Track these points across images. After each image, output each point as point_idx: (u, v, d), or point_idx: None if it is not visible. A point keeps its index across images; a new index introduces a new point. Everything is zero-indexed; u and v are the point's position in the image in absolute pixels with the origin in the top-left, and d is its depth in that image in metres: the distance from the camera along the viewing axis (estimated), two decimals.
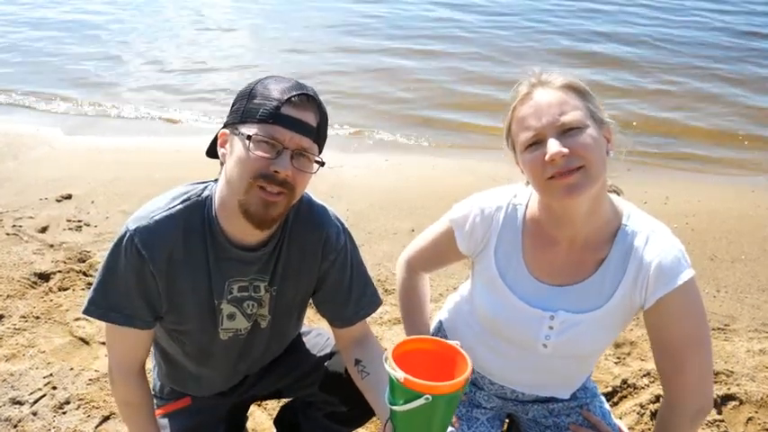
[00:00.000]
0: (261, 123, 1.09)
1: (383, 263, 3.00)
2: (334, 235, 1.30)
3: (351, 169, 4.15)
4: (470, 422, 1.47)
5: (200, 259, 1.20)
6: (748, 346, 2.42)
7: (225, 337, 1.32)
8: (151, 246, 1.16)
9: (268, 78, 1.15)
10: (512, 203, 1.31)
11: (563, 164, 1.08)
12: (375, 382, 1.30)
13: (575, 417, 1.47)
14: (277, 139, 1.08)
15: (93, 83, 6.12)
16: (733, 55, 6.68)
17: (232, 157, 1.12)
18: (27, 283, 2.70)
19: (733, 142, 4.71)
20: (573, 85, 1.15)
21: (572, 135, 1.08)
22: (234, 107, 1.16)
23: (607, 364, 2.28)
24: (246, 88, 1.15)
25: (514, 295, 1.27)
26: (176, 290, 1.22)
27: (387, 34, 7.67)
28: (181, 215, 1.18)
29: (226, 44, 7.49)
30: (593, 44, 7.08)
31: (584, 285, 1.23)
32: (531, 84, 1.17)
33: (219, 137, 1.19)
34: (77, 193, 3.64)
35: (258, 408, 2.04)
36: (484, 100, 5.45)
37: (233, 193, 1.13)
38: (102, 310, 1.20)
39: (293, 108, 1.10)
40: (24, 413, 1.99)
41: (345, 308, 1.36)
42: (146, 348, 1.31)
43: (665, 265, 1.16)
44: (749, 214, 3.60)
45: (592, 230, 1.21)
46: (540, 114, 1.11)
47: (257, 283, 1.27)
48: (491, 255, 1.30)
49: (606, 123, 1.16)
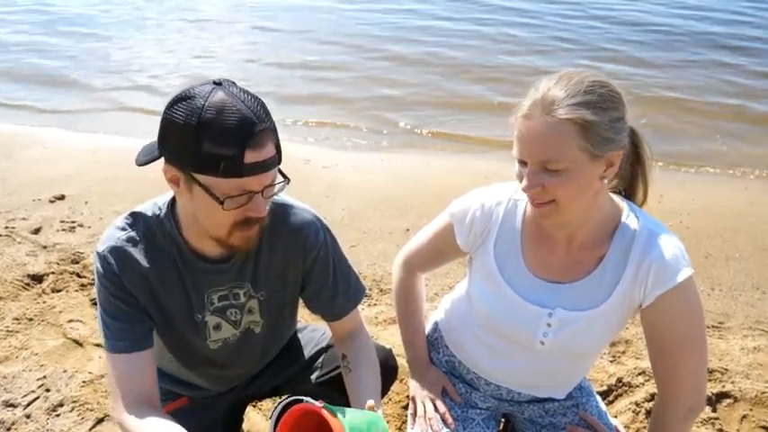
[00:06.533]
0: (226, 178, 0.99)
1: (378, 262, 2.99)
2: (314, 233, 1.29)
3: (345, 169, 4.15)
4: (466, 423, 1.47)
5: (173, 276, 1.19)
6: (742, 344, 2.43)
7: (215, 347, 1.32)
8: (122, 265, 1.15)
9: (208, 107, 0.97)
10: (512, 199, 1.30)
11: (534, 196, 1.10)
12: (355, 380, 1.31)
13: (571, 416, 1.47)
14: (248, 190, 1.02)
15: (86, 82, 6.08)
16: (729, 52, 6.69)
17: (198, 207, 1.07)
18: (20, 284, 2.68)
19: (726, 140, 4.73)
20: (577, 121, 1.02)
21: (551, 174, 1.06)
22: (175, 140, 1.01)
23: (602, 362, 2.28)
24: (186, 119, 0.98)
25: (513, 291, 1.27)
26: (160, 305, 1.21)
27: (383, 32, 7.66)
28: (144, 236, 1.17)
29: (223, 42, 7.46)
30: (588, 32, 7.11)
31: (583, 283, 1.23)
32: (534, 104, 1.06)
33: (164, 171, 1.06)
34: (71, 194, 3.62)
35: (253, 409, 2.03)
36: (478, 99, 5.45)
37: (207, 231, 1.12)
38: (112, 342, 1.17)
39: (256, 151, 0.99)
40: (18, 416, 1.97)
41: (334, 301, 1.36)
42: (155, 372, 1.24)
43: (665, 263, 1.15)
44: (743, 212, 3.61)
45: (589, 229, 1.21)
46: (527, 145, 1.07)
47: (236, 291, 1.27)
48: (490, 250, 1.30)
49: (612, 146, 1.07)
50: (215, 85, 1.01)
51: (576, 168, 1.05)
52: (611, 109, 1.06)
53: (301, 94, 5.70)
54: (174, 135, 1.01)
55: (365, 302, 2.66)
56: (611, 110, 1.06)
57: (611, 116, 1.06)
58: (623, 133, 1.09)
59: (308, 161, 4.17)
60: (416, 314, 1.58)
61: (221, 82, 1.02)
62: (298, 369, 1.58)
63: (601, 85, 1.06)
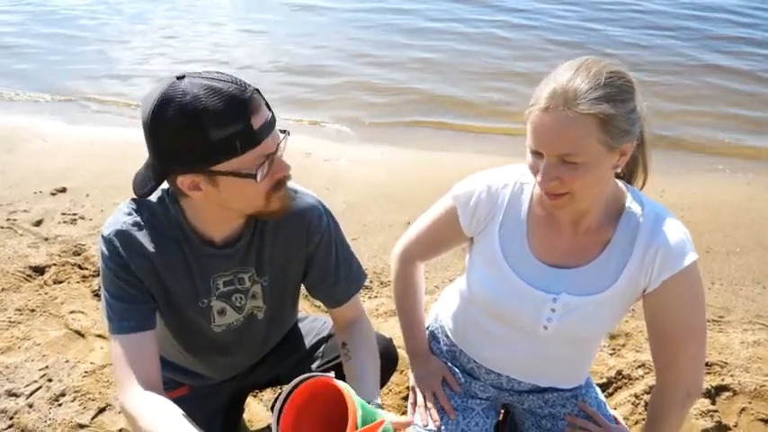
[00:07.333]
0: (246, 152, 1.00)
1: (379, 255, 3.00)
2: (317, 217, 1.30)
3: (347, 162, 4.15)
4: (466, 413, 1.47)
5: (179, 261, 1.20)
6: (742, 338, 2.44)
7: (218, 330, 1.33)
8: (128, 249, 1.15)
9: (193, 99, 0.96)
10: (519, 182, 1.30)
11: (549, 189, 1.10)
12: (354, 367, 1.31)
13: (570, 407, 1.47)
14: (267, 153, 1.04)
15: (87, 75, 6.07)
16: (731, 45, 6.67)
17: (230, 195, 1.07)
18: (22, 276, 2.69)
19: (730, 134, 4.72)
20: (598, 115, 1.00)
21: (568, 166, 1.05)
22: (180, 147, 0.99)
23: (602, 355, 2.29)
24: (181, 122, 0.96)
25: (517, 276, 1.26)
26: (165, 290, 1.21)
27: (384, 27, 7.64)
28: (149, 221, 1.17)
29: (225, 37, 7.44)
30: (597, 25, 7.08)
31: (589, 268, 1.23)
32: (554, 95, 1.02)
33: (180, 184, 1.05)
34: (72, 186, 3.62)
35: (254, 399, 2.04)
36: (480, 94, 5.44)
37: (242, 211, 1.15)
38: (116, 324, 1.16)
39: (258, 114, 1.00)
40: (20, 405, 1.98)
41: (336, 287, 1.36)
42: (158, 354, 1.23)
43: (671, 248, 1.15)
44: (744, 207, 3.61)
45: (596, 214, 1.21)
46: (546, 139, 1.05)
47: (241, 275, 1.27)
48: (495, 233, 1.29)
49: (628, 137, 1.06)
50: (178, 79, 0.99)
51: (594, 161, 1.05)
52: (627, 101, 1.05)
53: (302, 88, 5.69)
54: (176, 142, 0.99)
55: (366, 295, 2.67)
56: (628, 101, 1.05)
57: (628, 108, 1.05)
58: (638, 123, 1.09)
59: (309, 154, 4.17)
60: (416, 304, 1.58)
61: (183, 75, 1.00)
62: (298, 358, 1.59)
63: (618, 76, 1.05)
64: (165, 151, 1.02)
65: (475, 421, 1.46)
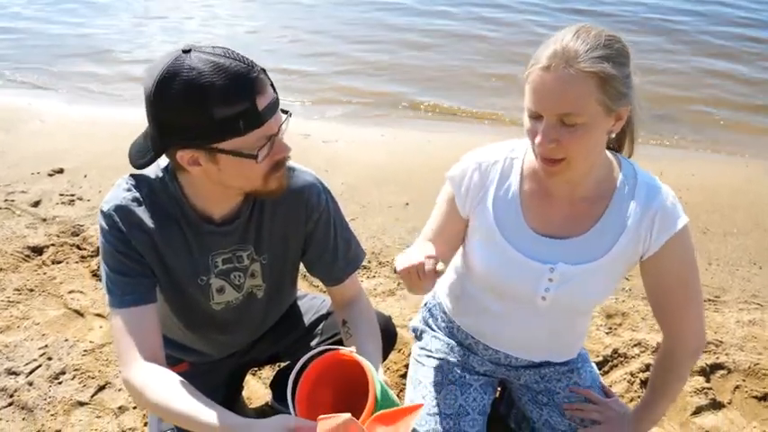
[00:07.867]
0: (249, 132, 0.99)
1: (377, 235, 3.00)
2: (315, 195, 1.29)
3: (346, 144, 4.13)
4: (463, 388, 1.49)
5: (178, 238, 1.19)
6: (738, 317, 2.46)
7: (218, 308, 1.33)
8: (128, 224, 1.14)
9: (199, 75, 0.94)
10: (509, 157, 1.31)
11: (547, 153, 1.10)
12: (356, 345, 1.30)
13: (566, 382, 1.49)
14: (269, 134, 1.03)
15: (86, 54, 6.03)
16: (731, 27, 6.62)
17: (230, 173, 1.06)
18: (20, 256, 2.70)
19: (728, 116, 4.70)
20: (599, 74, 1.02)
21: (567, 129, 1.06)
22: (182, 122, 0.97)
23: (599, 334, 2.31)
24: (185, 97, 0.95)
25: (513, 248, 1.27)
26: (165, 266, 1.21)
27: (384, 8, 7.56)
28: (148, 197, 1.17)
29: (229, 19, 7.37)
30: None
31: (585, 237, 1.24)
32: (554, 55, 1.03)
33: (179, 158, 1.04)
34: (70, 167, 3.61)
35: (253, 377, 2.06)
36: (480, 75, 5.41)
37: (240, 189, 1.15)
38: (117, 297, 1.16)
39: (263, 95, 0.99)
40: (20, 383, 2.00)
41: (335, 264, 1.36)
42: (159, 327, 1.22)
43: (668, 211, 1.19)
44: (743, 189, 3.61)
45: (589, 183, 1.22)
46: (546, 98, 1.05)
47: (240, 253, 1.27)
48: (488, 208, 1.30)
49: (624, 101, 1.08)
50: (184, 53, 0.97)
51: (593, 123, 1.06)
52: (625, 65, 1.07)
53: (300, 69, 5.65)
54: (179, 118, 0.97)
55: (364, 274, 2.68)
56: (625, 65, 1.07)
57: (625, 72, 1.07)
58: (633, 89, 1.10)
59: (308, 136, 4.15)
60: None
61: (190, 48, 0.98)
62: (298, 335, 1.60)
63: (616, 40, 1.07)
64: (167, 125, 1.00)
65: (473, 397, 1.48)
